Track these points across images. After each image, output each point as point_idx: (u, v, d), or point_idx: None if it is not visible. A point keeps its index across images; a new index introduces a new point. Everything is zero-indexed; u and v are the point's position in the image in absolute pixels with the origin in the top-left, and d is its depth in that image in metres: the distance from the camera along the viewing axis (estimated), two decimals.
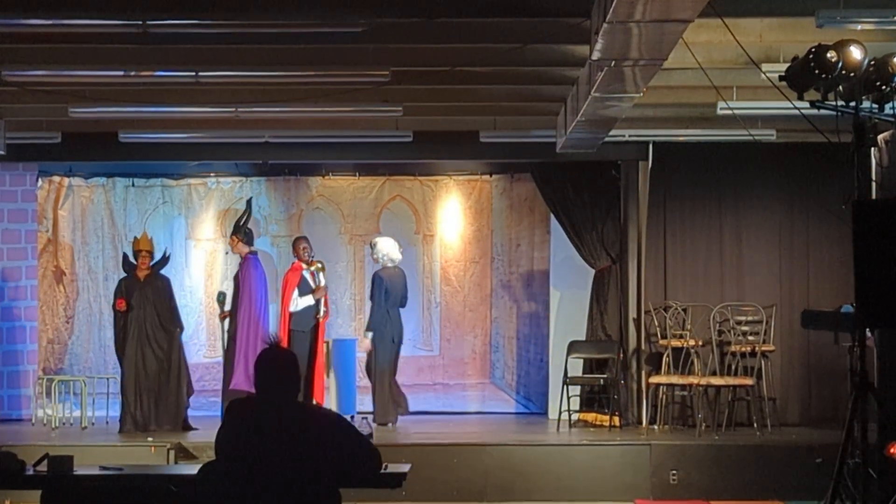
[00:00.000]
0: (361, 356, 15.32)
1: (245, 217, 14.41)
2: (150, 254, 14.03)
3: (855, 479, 8.73)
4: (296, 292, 14.18)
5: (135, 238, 14.25)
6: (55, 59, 10.51)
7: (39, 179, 15.82)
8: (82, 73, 10.81)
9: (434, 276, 16.39)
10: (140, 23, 8.99)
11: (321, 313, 14.39)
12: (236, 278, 14.22)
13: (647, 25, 7.77)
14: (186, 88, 11.83)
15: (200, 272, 15.16)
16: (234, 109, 12.13)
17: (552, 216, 15.33)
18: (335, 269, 15.83)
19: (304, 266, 14.29)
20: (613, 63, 8.88)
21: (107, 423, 14.66)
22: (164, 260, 14.23)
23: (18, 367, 15.52)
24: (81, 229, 16.23)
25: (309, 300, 14.25)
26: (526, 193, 16.00)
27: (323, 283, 14.40)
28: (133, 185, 16.29)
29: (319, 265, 14.48)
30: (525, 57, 10.22)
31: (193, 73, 10.60)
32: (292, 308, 14.17)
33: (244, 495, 6.26)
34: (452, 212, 16.38)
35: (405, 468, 7.78)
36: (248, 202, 14.80)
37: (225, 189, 16.29)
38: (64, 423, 14.54)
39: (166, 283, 14.13)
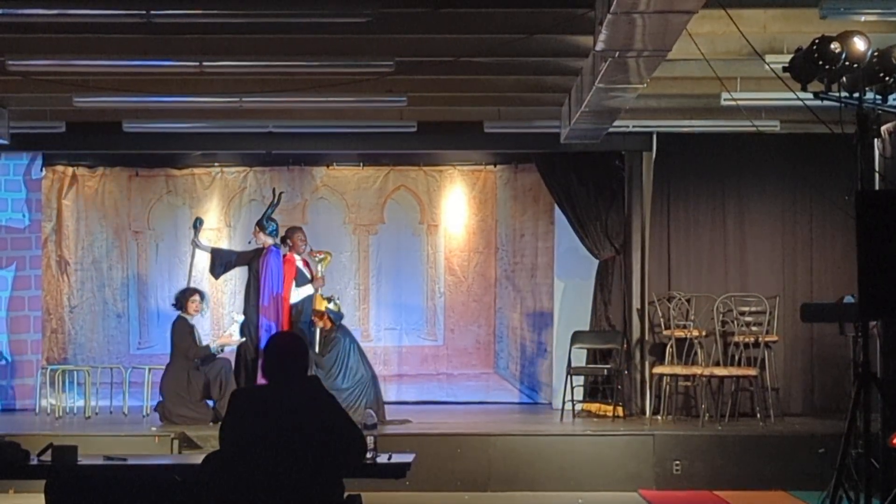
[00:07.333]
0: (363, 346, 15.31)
1: (271, 207, 14.37)
2: None
3: (858, 469, 8.75)
4: (293, 284, 14.18)
5: None
6: (59, 49, 10.52)
7: (43, 169, 15.84)
8: (86, 63, 10.83)
9: (438, 266, 16.38)
10: (144, 12, 9.01)
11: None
12: (256, 269, 14.20)
13: (651, 16, 7.78)
14: (190, 78, 11.86)
15: (205, 262, 15.12)
16: (238, 99, 12.14)
17: (556, 206, 15.34)
18: (339, 260, 15.81)
19: (296, 257, 14.27)
20: (617, 54, 8.89)
21: (110, 412, 14.69)
22: None
23: (22, 356, 15.56)
24: (85, 219, 16.22)
25: (308, 290, 14.23)
26: (530, 184, 16.00)
27: (321, 273, 14.39)
28: (137, 174, 16.27)
29: (322, 256, 14.47)
30: (529, 47, 10.23)
31: (197, 63, 10.63)
32: (293, 300, 14.15)
33: (250, 483, 6.27)
34: (457, 202, 16.37)
35: (409, 458, 7.78)
36: (274, 192, 14.63)
37: (229, 179, 16.28)
38: (68, 413, 14.58)
39: None
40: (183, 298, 14.33)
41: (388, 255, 16.39)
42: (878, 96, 8.98)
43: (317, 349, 13.81)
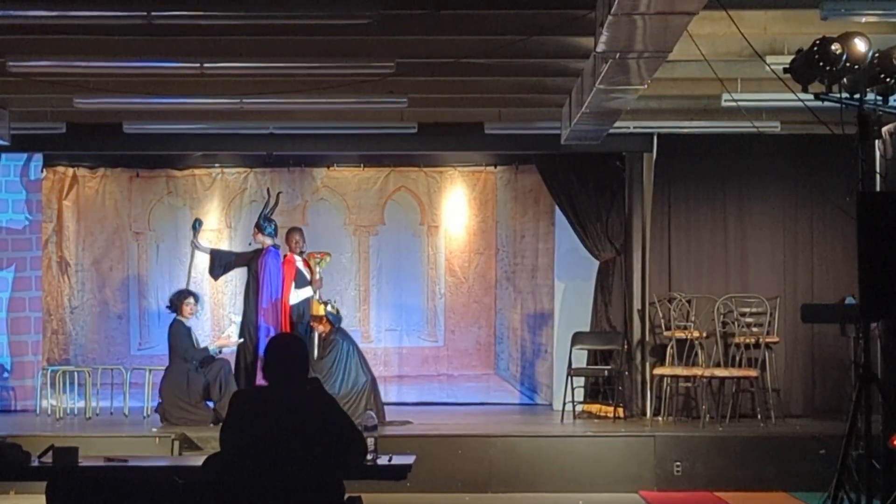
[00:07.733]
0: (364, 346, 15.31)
1: (268, 208, 14.44)
2: None
3: (858, 470, 8.76)
4: (292, 285, 14.18)
5: None
6: (60, 50, 10.53)
7: (44, 170, 15.83)
8: (87, 64, 10.84)
9: (439, 267, 16.38)
10: (145, 14, 9.02)
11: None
12: (255, 270, 14.23)
13: (652, 18, 7.78)
14: (191, 80, 11.85)
15: (205, 263, 15.13)
16: (238, 101, 12.14)
17: (557, 207, 15.34)
18: (340, 261, 15.82)
19: (296, 258, 14.30)
20: (618, 55, 8.89)
21: (111, 413, 14.69)
22: None
23: (23, 357, 15.55)
24: (86, 220, 16.22)
25: (307, 292, 14.25)
26: (531, 185, 15.99)
27: (318, 274, 14.41)
28: (137, 175, 16.27)
29: (319, 257, 14.47)
30: (530, 49, 10.24)
31: (198, 65, 10.63)
32: (292, 301, 14.17)
33: (251, 484, 6.27)
34: (457, 203, 16.36)
35: (410, 459, 7.78)
36: (270, 192, 14.74)
37: (229, 180, 16.28)
38: (68, 414, 14.58)
39: None
40: (177, 301, 14.34)
41: (389, 257, 16.39)
42: (878, 97, 8.99)
43: (315, 354, 13.79)
